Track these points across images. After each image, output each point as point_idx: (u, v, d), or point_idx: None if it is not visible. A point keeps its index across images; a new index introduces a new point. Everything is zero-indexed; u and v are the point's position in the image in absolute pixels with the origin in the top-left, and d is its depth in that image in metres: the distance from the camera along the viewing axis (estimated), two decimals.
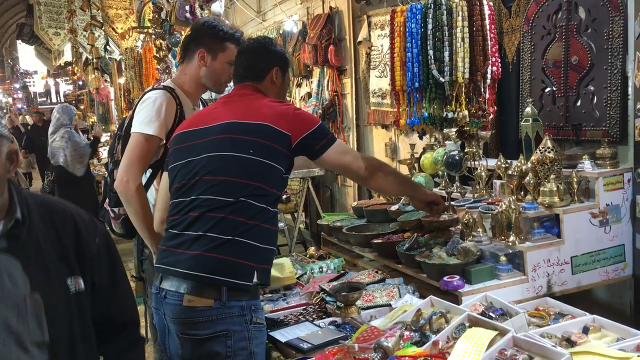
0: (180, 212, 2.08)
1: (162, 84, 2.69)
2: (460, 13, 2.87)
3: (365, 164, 2.25)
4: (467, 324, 2.25)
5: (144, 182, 2.48)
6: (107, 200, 2.67)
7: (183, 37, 2.97)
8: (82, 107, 14.04)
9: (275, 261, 2.66)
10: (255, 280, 2.04)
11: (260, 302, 2.17)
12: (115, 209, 2.58)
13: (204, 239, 1.99)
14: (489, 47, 2.91)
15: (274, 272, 2.64)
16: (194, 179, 2.07)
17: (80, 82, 12.90)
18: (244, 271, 2.01)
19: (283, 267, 2.86)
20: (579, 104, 3.32)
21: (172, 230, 2.10)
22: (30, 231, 1.56)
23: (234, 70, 2.35)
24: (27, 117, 15.91)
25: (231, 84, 2.48)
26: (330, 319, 2.61)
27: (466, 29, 2.86)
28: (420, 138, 3.70)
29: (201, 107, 2.71)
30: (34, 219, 1.58)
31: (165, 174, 2.28)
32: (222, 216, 2.00)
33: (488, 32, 2.90)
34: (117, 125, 2.87)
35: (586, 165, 2.97)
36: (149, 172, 2.54)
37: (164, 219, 2.21)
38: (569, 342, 2.15)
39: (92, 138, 7.44)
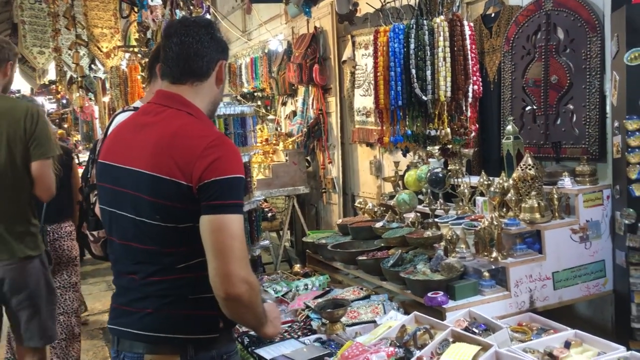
0: (123, 271, 1.83)
1: (132, 105, 2.61)
2: (441, 33, 2.92)
3: (246, 270, 1.64)
4: (450, 340, 2.27)
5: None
6: (84, 223, 2.59)
7: (149, 57, 2.77)
8: (65, 125, 13.98)
9: None
10: (221, 326, 1.78)
11: (235, 345, 1.91)
12: (94, 233, 2.49)
13: (158, 298, 1.75)
14: (470, 66, 2.96)
15: None
16: (121, 241, 1.81)
17: (64, 101, 12.86)
18: (207, 323, 1.77)
19: None
20: (558, 122, 3.38)
21: (119, 286, 1.87)
22: None
23: (162, 60, 1.85)
24: None
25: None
26: (315, 335, 2.62)
27: (447, 49, 2.92)
28: (404, 155, 3.75)
29: None
30: None
31: None
32: (163, 278, 1.74)
33: (469, 51, 2.96)
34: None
35: (566, 182, 3.02)
36: None
37: None
38: (551, 357, 2.18)
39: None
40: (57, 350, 4.06)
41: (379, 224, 3.43)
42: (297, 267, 3.74)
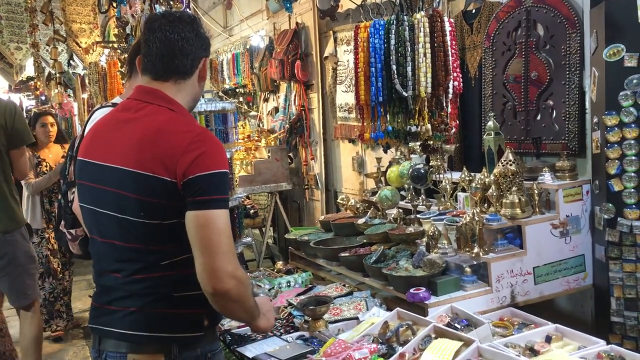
0: (106, 270, 1.80)
1: (110, 101, 2.61)
2: (422, 29, 2.92)
3: (233, 265, 1.62)
4: (433, 336, 2.27)
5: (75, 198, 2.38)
6: (62, 222, 2.56)
7: (128, 52, 2.79)
8: None
9: None
10: (205, 324, 1.78)
11: (219, 344, 1.90)
12: (72, 231, 2.44)
13: (142, 296, 1.72)
14: (450, 62, 2.97)
15: None
16: (103, 239, 1.78)
17: (43, 98, 12.68)
18: (192, 321, 1.75)
19: None
20: (538, 118, 3.41)
21: (101, 285, 1.83)
22: None
23: (143, 55, 1.81)
24: None
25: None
26: (298, 333, 2.61)
27: (428, 45, 2.92)
28: (385, 152, 3.75)
29: None
30: None
31: None
32: (148, 276, 1.72)
33: (449, 47, 2.97)
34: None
35: (546, 177, 3.05)
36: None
37: None
38: (532, 351, 2.20)
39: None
40: None
41: (361, 220, 3.43)
42: (279, 264, 3.73)
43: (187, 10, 4.91)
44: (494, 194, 2.94)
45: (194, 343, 1.77)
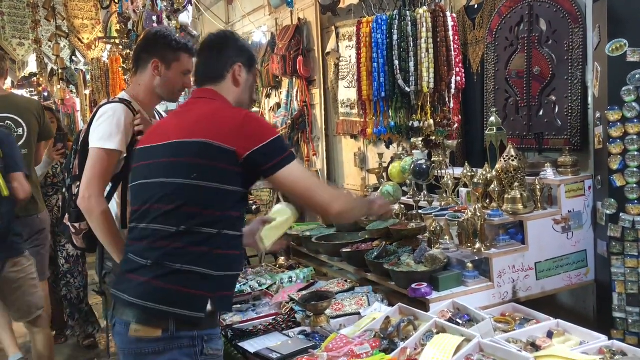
0: (135, 238, 1.96)
1: (117, 96, 2.63)
2: (424, 24, 2.92)
3: (328, 193, 1.97)
4: (434, 331, 2.28)
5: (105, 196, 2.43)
6: (66, 216, 2.60)
7: (134, 47, 2.89)
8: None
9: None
10: (209, 308, 1.87)
11: (218, 330, 2.00)
12: (76, 225, 2.49)
13: (154, 267, 1.85)
14: (453, 57, 2.97)
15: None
16: (145, 206, 1.93)
17: (46, 94, 12.69)
18: (194, 301, 1.85)
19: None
20: (541, 113, 3.40)
21: (127, 255, 1.98)
22: None
23: (195, 71, 2.16)
24: None
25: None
26: (300, 328, 2.61)
27: (430, 40, 2.92)
28: (387, 147, 3.74)
29: (157, 118, 2.67)
30: None
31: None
32: (168, 245, 1.85)
33: (452, 42, 2.97)
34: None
35: (548, 173, 3.04)
36: (109, 185, 2.48)
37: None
38: (534, 347, 2.20)
39: None
40: None
41: None
42: (281, 260, 3.74)
43: (189, 6, 4.92)
44: (496, 189, 2.94)
45: (192, 324, 1.86)
